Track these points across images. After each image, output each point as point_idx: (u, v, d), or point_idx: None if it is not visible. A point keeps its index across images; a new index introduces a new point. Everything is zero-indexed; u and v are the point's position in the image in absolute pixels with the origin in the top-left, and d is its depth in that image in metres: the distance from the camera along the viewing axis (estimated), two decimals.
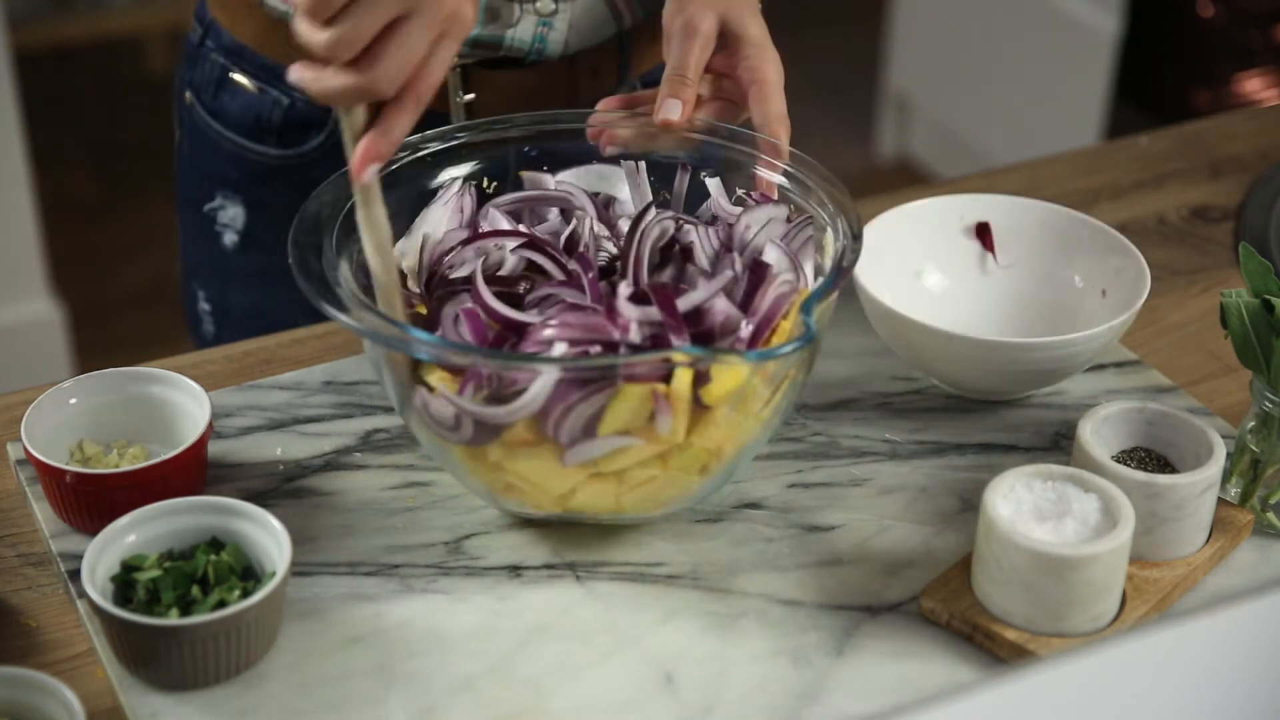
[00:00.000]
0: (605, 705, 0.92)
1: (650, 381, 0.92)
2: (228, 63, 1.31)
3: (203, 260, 1.39)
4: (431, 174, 1.09)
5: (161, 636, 0.89)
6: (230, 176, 1.34)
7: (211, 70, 1.33)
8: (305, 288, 0.94)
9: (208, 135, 1.34)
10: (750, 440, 0.98)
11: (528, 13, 1.22)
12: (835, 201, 1.03)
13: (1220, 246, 1.37)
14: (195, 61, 1.35)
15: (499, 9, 1.21)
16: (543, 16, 1.22)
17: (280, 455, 1.09)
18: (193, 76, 1.35)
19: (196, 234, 1.39)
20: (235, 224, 1.35)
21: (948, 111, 3.26)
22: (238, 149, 1.32)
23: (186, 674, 0.91)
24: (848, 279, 0.97)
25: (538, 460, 0.95)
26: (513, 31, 1.22)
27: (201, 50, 1.34)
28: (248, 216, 1.34)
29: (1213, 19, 2.71)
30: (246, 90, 1.30)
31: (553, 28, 1.23)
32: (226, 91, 1.32)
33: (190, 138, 1.37)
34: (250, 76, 1.30)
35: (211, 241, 1.37)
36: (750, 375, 0.93)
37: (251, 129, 1.31)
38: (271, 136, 1.31)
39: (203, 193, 1.36)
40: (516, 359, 0.93)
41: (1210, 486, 1.00)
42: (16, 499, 1.06)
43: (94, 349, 2.79)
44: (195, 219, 1.38)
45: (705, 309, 0.96)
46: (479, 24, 1.21)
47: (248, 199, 1.34)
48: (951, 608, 0.97)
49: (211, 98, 1.33)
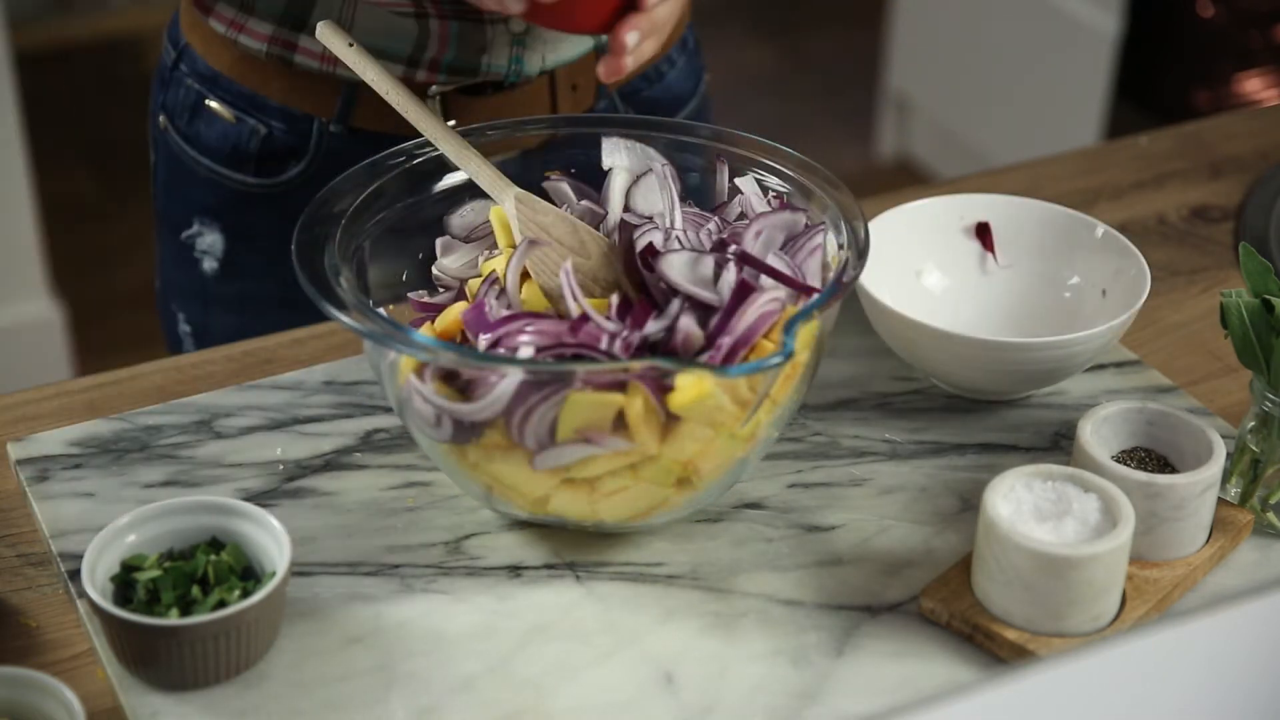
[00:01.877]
0: (605, 705, 0.92)
1: (607, 390, 0.92)
2: (203, 89, 1.28)
3: (183, 284, 1.36)
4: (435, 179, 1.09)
5: (161, 636, 0.89)
6: (208, 203, 1.31)
7: (186, 96, 1.29)
8: (307, 287, 0.95)
9: (183, 161, 1.31)
10: (734, 458, 0.98)
11: (499, 34, 1.21)
12: (842, 208, 1.03)
13: (1220, 246, 1.37)
14: (169, 85, 1.31)
15: (469, 32, 1.20)
16: (515, 35, 1.21)
17: (280, 455, 1.09)
18: (166, 99, 1.31)
19: (175, 258, 1.35)
20: (214, 251, 1.32)
21: (948, 111, 3.25)
22: (215, 176, 1.29)
23: (186, 674, 0.91)
24: (846, 294, 0.97)
25: (511, 464, 0.96)
26: (487, 57, 1.21)
27: (175, 74, 1.30)
28: (227, 244, 1.31)
29: (1213, 19, 2.71)
30: (223, 118, 1.27)
31: (527, 47, 1.22)
32: (202, 119, 1.29)
33: (165, 162, 1.33)
34: (227, 105, 1.27)
35: (191, 267, 1.34)
36: (716, 390, 0.93)
37: (229, 157, 1.28)
38: (250, 165, 1.28)
39: (180, 219, 1.33)
40: (480, 359, 0.94)
41: (1210, 486, 1.00)
42: (16, 499, 1.06)
43: (94, 349, 2.79)
44: (173, 244, 1.35)
45: (673, 328, 0.96)
46: (452, 50, 1.21)
47: (226, 226, 1.31)
48: (951, 608, 0.97)
49: (186, 124, 1.30)
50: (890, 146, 3.43)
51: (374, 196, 1.05)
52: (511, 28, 1.21)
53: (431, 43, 1.20)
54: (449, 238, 1.09)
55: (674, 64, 1.35)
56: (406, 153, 1.08)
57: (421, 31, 1.20)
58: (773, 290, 0.97)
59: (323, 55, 1.22)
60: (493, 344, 0.95)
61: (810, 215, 1.05)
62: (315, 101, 1.25)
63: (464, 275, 1.07)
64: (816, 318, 0.95)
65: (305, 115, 1.26)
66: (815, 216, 1.05)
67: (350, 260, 1.01)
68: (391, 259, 1.07)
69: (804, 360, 0.98)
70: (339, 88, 1.24)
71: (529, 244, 1.01)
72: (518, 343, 0.95)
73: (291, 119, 1.26)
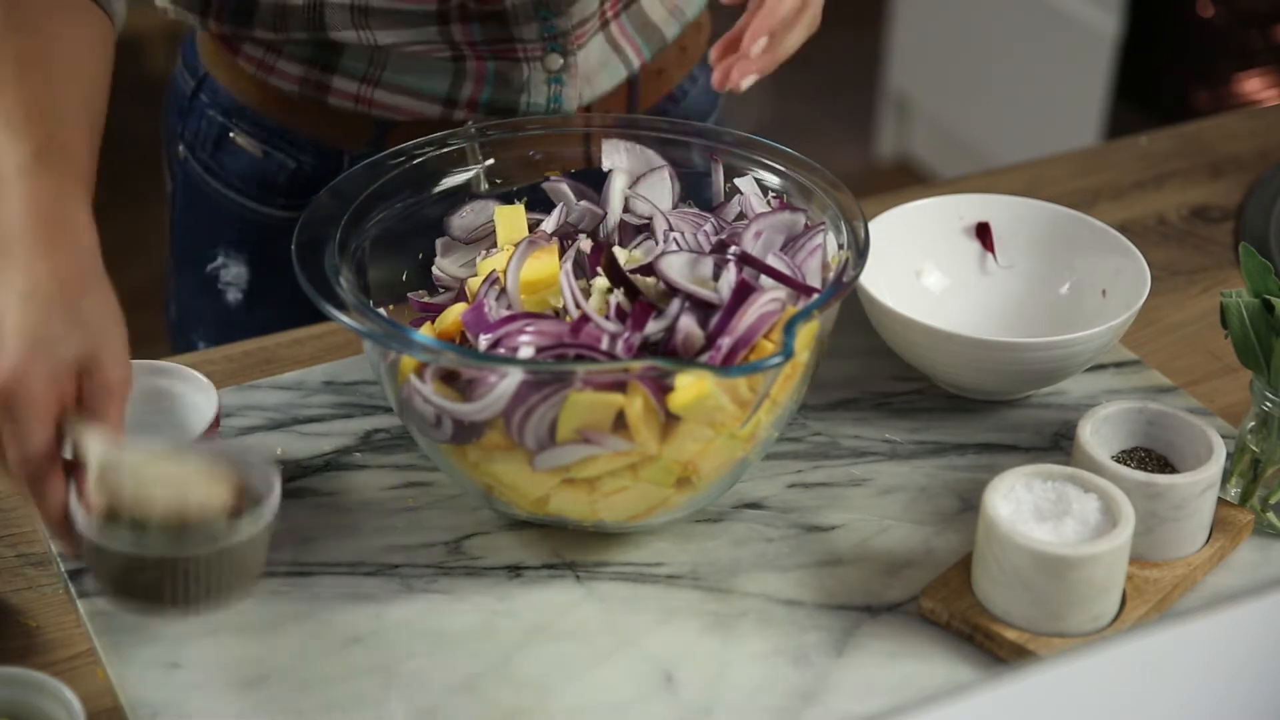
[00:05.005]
0: (605, 705, 0.92)
1: (607, 390, 0.92)
2: (227, 122, 1.25)
3: (206, 315, 1.33)
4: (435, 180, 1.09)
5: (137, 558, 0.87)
6: (232, 235, 1.28)
7: (209, 127, 1.26)
8: (306, 287, 0.95)
9: (205, 192, 1.28)
10: (734, 458, 0.98)
11: (536, 71, 1.19)
12: (842, 208, 1.03)
13: (1220, 246, 1.37)
14: (188, 114, 1.28)
15: (507, 72, 1.19)
16: (552, 74, 1.20)
17: (280, 455, 1.09)
18: (185, 129, 1.28)
19: (197, 289, 1.32)
20: (239, 283, 1.29)
21: (948, 111, 3.25)
22: (240, 208, 1.27)
23: (166, 599, 0.88)
24: (846, 294, 0.97)
25: (511, 464, 0.96)
26: (526, 95, 1.20)
27: (195, 104, 1.27)
28: (252, 274, 1.29)
29: (1213, 19, 2.71)
30: (249, 152, 1.25)
31: (564, 84, 1.20)
32: (226, 151, 1.26)
33: (185, 192, 1.30)
34: (253, 138, 1.24)
35: (215, 298, 1.31)
36: (716, 390, 0.93)
37: (255, 189, 1.26)
38: (277, 197, 1.25)
39: (202, 250, 1.30)
40: (480, 359, 0.94)
41: (1210, 486, 1.00)
42: (16, 499, 1.06)
43: None
44: (195, 275, 1.32)
45: (673, 328, 0.96)
46: (489, 89, 1.19)
47: (252, 257, 1.29)
48: (951, 608, 0.97)
49: (209, 156, 1.27)
50: (890, 146, 3.43)
51: (374, 196, 1.05)
52: (548, 65, 1.19)
53: (467, 83, 1.19)
54: (449, 238, 1.09)
55: (696, 81, 1.35)
56: (406, 153, 1.08)
57: (457, 72, 1.19)
58: (773, 290, 0.97)
59: (357, 96, 1.20)
60: (493, 344, 0.95)
61: (810, 215, 1.05)
62: (346, 137, 1.23)
63: (464, 276, 1.07)
64: (816, 318, 0.95)
65: (335, 149, 1.24)
66: (815, 216, 1.05)
67: (350, 260, 1.01)
68: (391, 259, 1.07)
69: (804, 360, 0.98)
70: (371, 124, 1.22)
71: (529, 244, 1.01)
72: (518, 343, 0.95)
73: (321, 152, 1.24)
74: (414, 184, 1.08)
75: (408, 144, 1.09)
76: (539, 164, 1.12)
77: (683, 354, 0.95)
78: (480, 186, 1.10)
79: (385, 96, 1.19)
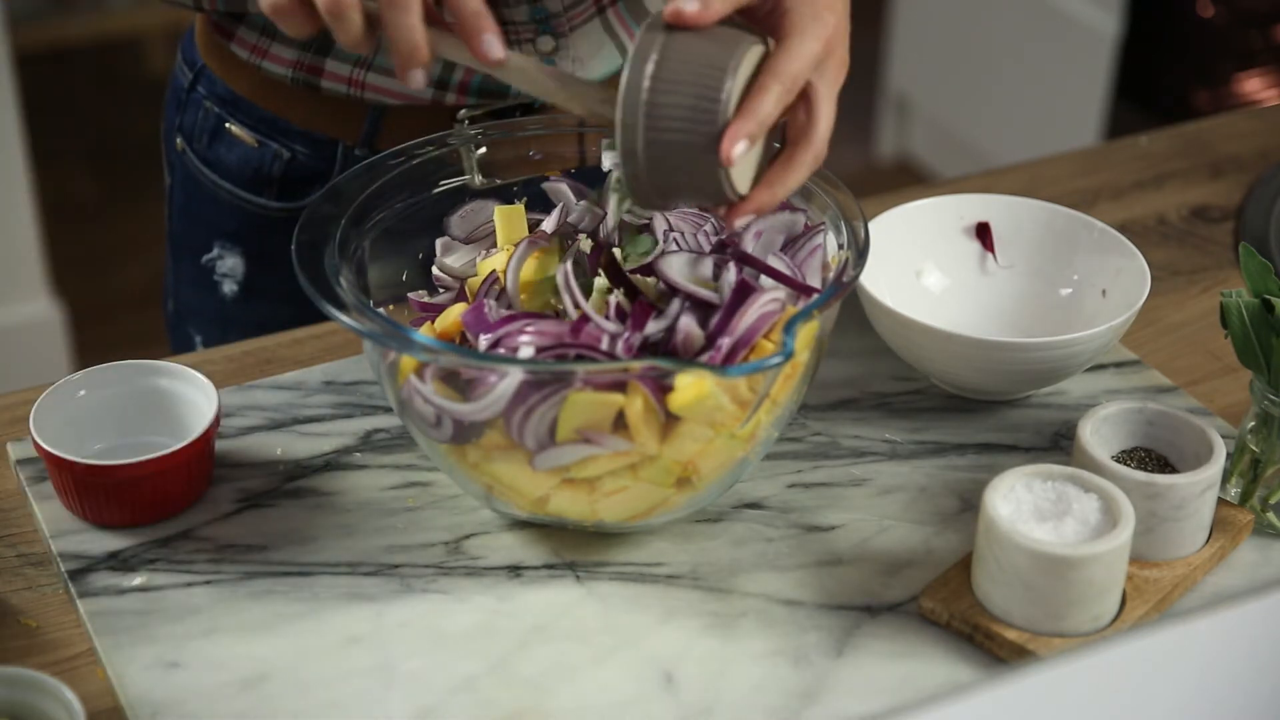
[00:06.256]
0: (605, 705, 0.92)
1: (607, 390, 0.92)
2: (223, 113, 1.26)
3: (201, 308, 1.34)
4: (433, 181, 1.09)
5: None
6: (228, 227, 1.29)
7: (205, 119, 1.27)
8: (306, 287, 0.95)
9: (202, 184, 1.29)
10: (734, 458, 0.98)
11: (527, 53, 1.19)
12: (842, 208, 1.03)
13: (1220, 246, 1.37)
14: (186, 107, 1.29)
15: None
16: (544, 55, 1.20)
17: (280, 455, 1.09)
18: (183, 122, 1.29)
19: (193, 282, 1.33)
20: (235, 274, 1.30)
21: (948, 111, 3.26)
22: (236, 200, 1.27)
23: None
24: (846, 294, 0.97)
25: (511, 464, 0.96)
26: None
27: (193, 96, 1.28)
28: (248, 267, 1.30)
29: (1213, 19, 2.71)
30: (244, 142, 1.25)
31: (556, 66, 1.20)
32: (222, 143, 1.27)
33: (183, 185, 1.31)
34: (248, 129, 1.25)
35: (210, 290, 1.32)
36: (716, 390, 0.93)
37: (250, 181, 1.26)
38: (272, 189, 1.26)
39: (199, 242, 1.31)
40: (480, 359, 0.94)
41: (1210, 486, 1.00)
42: (16, 499, 1.06)
43: (94, 349, 2.79)
44: (191, 268, 1.33)
45: (673, 328, 0.96)
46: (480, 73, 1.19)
47: (247, 250, 1.29)
48: (951, 608, 0.97)
49: (205, 147, 1.28)
50: (890, 146, 3.44)
51: (374, 196, 1.05)
52: (539, 47, 1.19)
53: (459, 66, 1.19)
54: (449, 238, 1.09)
55: None
56: (406, 153, 1.08)
57: None
58: (773, 290, 0.97)
59: (350, 79, 1.20)
60: (493, 344, 0.95)
61: (810, 215, 1.05)
62: (340, 126, 1.23)
63: (464, 275, 1.07)
64: (816, 318, 0.95)
65: (329, 139, 1.24)
66: (815, 216, 1.05)
67: (350, 260, 1.01)
68: (391, 259, 1.07)
69: (804, 360, 0.98)
70: (364, 111, 1.22)
71: (529, 244, 1.01)
72: (518, 343, 0.95)
73: (315, 143, 1.24)
74: (414, 184, 1.08)
75: (407, 144, 1.09)
76: (538, 164, 1.12)
77: (683, 354, 0.95)
78: (475, 178, 1.10)
79: (378, 80, 1.20)
